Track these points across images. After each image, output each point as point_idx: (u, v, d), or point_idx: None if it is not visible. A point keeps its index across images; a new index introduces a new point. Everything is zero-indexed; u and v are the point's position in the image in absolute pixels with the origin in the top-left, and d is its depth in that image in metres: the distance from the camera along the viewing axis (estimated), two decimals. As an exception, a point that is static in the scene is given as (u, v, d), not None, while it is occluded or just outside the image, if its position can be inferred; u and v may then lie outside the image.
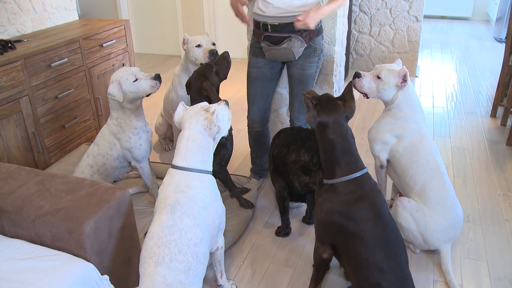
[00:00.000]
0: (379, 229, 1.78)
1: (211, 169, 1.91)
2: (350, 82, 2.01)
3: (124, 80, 2.40)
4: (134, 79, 2.42)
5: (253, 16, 2.55)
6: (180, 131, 1.90)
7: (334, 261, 2.23)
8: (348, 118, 1.92)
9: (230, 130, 2.68)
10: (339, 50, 2.92)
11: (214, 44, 3.08)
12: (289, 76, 2.67)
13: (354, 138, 1.91)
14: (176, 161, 1.85)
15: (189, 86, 2.57)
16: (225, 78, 2.63)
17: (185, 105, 1.96)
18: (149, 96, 2.54)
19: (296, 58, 2.51)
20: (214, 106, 1.90)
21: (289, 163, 2.38)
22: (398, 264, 1.76)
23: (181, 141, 1.86)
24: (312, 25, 2.25)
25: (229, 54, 2.66)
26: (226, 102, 2.02)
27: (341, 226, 1.82)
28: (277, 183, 2.53)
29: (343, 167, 1.86)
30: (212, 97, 2.46)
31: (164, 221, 1.72)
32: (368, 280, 1.75)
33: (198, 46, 3.03)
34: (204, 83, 2.48)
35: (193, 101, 2.53)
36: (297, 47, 2.44)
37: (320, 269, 2.03)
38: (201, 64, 3.01)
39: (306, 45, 2.48)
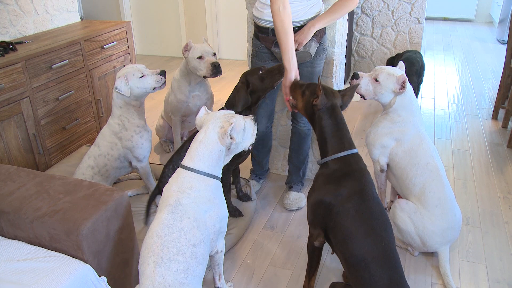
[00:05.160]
0: (364, 203, 1.84)
1: (219, 175, 1.91)
2: (355, 86, 2.16)
3: (130, 76, 2.46)
4: (141, 75, 2.49)
5: (257, 22, 2.52)
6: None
7: (330, 261, 2.23)
8: (342, 108, 2.08)
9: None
10: (339, 52, 2.92)
11: (215, 54, 3.04)
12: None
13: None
14: (185, 161, 1.86)
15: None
16: (272, 88, 2.46)
17: (207, 109, 1.95)
18: (151, 98, 2.56)
19: (312, 58, 2.52)
20: (238, 117, 1.88)
21: None
22: (383, 238, 1.79)
23: (194, 142, 1.87)
24: (304, 42, 2.41)
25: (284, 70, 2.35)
26: (254, 118, 2.01)
27: (329, 203, 1.88)
28: None
29: (335, 146, 1.98)
30: (236, 101, 2.40)
31: (164, 220, 1.73)
32: (354, 254, 1.78)
33: (200, 58, 2.97)
34: (239, 84, 2.41)
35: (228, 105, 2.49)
36: (313, 48, 2.45)
37: (313, 259, 2.07)
38: (204, 77, 3.03)
39: (318, 44, 2.50)
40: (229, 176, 2.64)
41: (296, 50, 2.42)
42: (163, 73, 2.55)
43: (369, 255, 1.76)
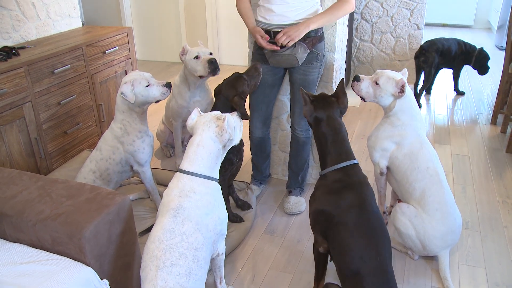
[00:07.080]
0: (362, 217, 1.84)
1: (217, 176, 1.93)
2: (342, 80, 2.13)
3: (137, 83, 2.47)
4: (147, 84, 2.49)
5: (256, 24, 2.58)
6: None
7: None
8: (341, 113, 2.08)
9: (242, 146, 2.69)
10: (339, 57, 2.94)
11: (211, 53, 3.05)
12: (291, 82, 2.69)
13: (347, 133, 2.05)
14: (184, 165, 1.87)
15: (217, 94, 2.54)
16: (255, 88, 2.58)
17: (200, 112, 1.98)
18: (152, 103, 2.58)
19: (300, 64, 2.53)
20: (226, 115, 1.92)
21: None
22: (379, 253, 1.79)
23: (191, 146, 1.88)
24: (295, 38, 2.40)
25: (260, 66, 2.56)
26: (238, 114, 2.05)
27: (329, 214, 1.89)
28: None
29: (334, 157, 1.98)
30: (241, 112, 2.41)
31: (166, 224, 1.74)
32: (349, 267, 1.79)
33: (196, 57, 2.99)
34: (235, 98, 2.43)
35: (215, 109, 2.49)
36: (300, 53, 2.47)
37: (319, 264, 2.08)
38: (200, 76, 3.03)
39: (309, 51, 2.51)
40: (225, 185, 2.63)
41: (282, 46, 2.44)
42: (168, 86, 2.55)
43: (364, 269, 1.76)
